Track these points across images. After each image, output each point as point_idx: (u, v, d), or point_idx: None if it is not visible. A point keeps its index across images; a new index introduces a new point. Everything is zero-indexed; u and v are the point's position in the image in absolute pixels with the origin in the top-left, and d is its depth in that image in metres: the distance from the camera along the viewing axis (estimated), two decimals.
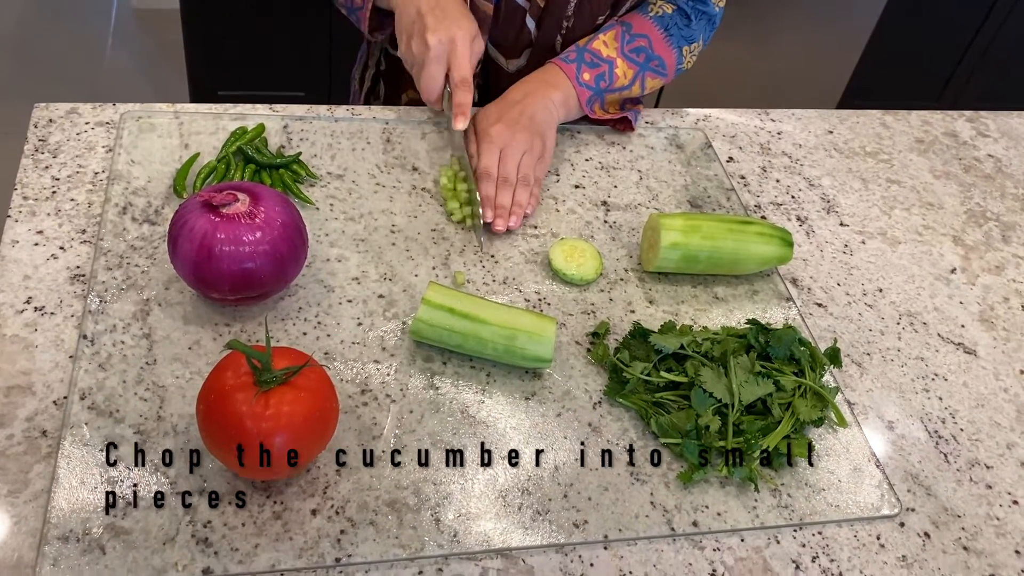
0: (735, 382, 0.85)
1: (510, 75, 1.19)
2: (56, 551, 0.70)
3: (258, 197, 0.84)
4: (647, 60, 1.14)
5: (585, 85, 1.10)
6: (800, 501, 0.83)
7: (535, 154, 1.05)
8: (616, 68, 1.12)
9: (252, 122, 1.07)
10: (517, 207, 1.02)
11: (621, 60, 1.12)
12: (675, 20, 1.15)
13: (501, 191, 1.02)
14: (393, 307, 0.92)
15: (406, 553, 0.74)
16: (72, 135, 1.02)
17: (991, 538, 0.84)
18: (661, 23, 1.14)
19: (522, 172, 1.04)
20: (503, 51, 1.18)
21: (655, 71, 1.15)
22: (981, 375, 0.98)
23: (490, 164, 1.03)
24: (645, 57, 1.13)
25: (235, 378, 0.71)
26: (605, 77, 1.11)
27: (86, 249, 0.91)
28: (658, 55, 1.14)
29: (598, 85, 1.11)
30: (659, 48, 1.14)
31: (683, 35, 1.16)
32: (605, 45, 1.12)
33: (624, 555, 0.77)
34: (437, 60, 0.99)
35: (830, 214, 1.14)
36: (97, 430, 0.77)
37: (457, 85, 1.00)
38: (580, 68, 1.10)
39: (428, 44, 0.98)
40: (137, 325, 0.85)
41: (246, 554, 0.72)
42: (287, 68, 2.41)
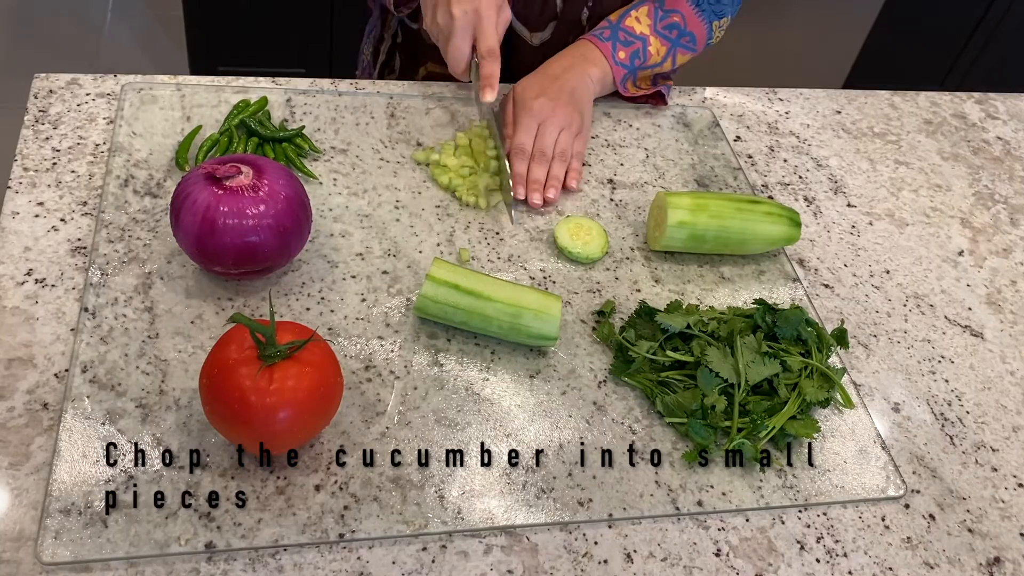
0: (741, 362, 0.85)
1: (533, 48, 1.18)
2: (58, 524, 0.69)
3: (262, 170, 0.83)
4: (679, 36, 1.14)
5: (621, 64, 1.10)
6: (805, 482, 0.82)
7: (573, 130, 1.05)
8: (649, 46, 1.12)
9: (255, 95, 1.06)
10: (554, 179, 1.02)
11: (654, 38, 1.12)
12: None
13: (536, 166, 1.02)
14: (397, 283, 0.91)
15: (410, 529, 0.74)
16: (73, 106, 1.01)
17: (996, 520, 0.84)
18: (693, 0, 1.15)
19: (559, 147, 1.03)
20: (528, 24, 1.17)
21: (686, 47, 1.15)
22: (988, 358, 0.98)
23: (525, 141, 1.03)
24: (677, 33, 1.14)
25: (239, 352, 0.71)
26: (639, 55, 1.11)
27: (87, 221, 0.90)
28: (690, 31, 1.14)
29: (632, 63, 1.11)
30: (692, 24, 1.14)
31: (714, 10, 1.16)
32: (638, 22, 1.12)
33: (628, 534, 0.77)
34: (463, 31, 0.98)
35: (837, 195, 1.13)
36: (99, 403, 0.76)
37: (484, 56, 0.99)
38: (615, 47, 1.10)
39: (453, 15, 0.97)
40: (139, 298, 0.85)
41: (249, 529, 0.71)
42: (288, 44, 2.38)
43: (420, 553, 0.73)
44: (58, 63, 2.64)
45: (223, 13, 2.27)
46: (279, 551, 0.71)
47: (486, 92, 0.99)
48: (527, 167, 1.02)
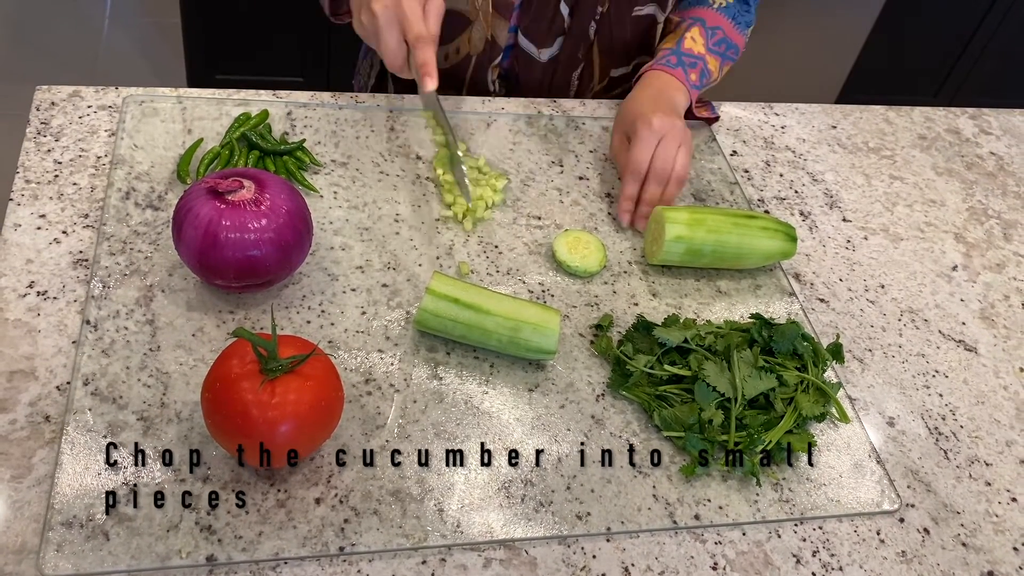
0: (738, 376, 0.86)
1: (543, 64, 1.18)
2: (60, 537, 0.69)
3: (263, 184, 0.84)
4: (727, 49, 1.17)
5: (694, 86, 1.12)
6: (801, 496, 0.83)
7: (689, 150, 1.04)
8: (709, 64, 1.14)
9: (255, 108, 1.07)
10: (665, 201, 1.02)
11: (710, 56, 1.14)
12: (737, 8, 1.18)
13: (653, 185, 1.02)
14: (397, 296, 0.91)
15: (410, 543, 0.74)
16: (74, 118, 1.02)
17: (990, 535, 0.84)
18: (728, 13, 1.17)
19: (678, 166, 1.02)
20: (535, 39, 1.16)
21: (731, 59, 1.18)
22: (981, 372, 0.99)
23: (643, 158, 1.02)
24: (725, 47, 1.16)
25: (240, 366, 0.71)
26: (704, 74, 1.13)
27: (89, 234, 0.91)
28: (734, 43, 1.18)
29: (701, 83, 1.13)
30: (733, 36, 1.17)
31: (745, 20, 1.19)
32: (694, 42, 1.14)
33: (626, 547, 0.77)
34: (388, 26, 0.94)
35: (833, 209, 1.14)
36: (100, 416, 0.77)
37: (414, 44, 0.94)
38: (687, 72, 1.11)
39: (375, 12, 0.94)
40: (140, 311, 0.85)
41: (250, 542, 0.72)
42: (286, 53, 2.39)
43: (420, 567, 0.73)
44: (56, 71, 2.65)
45: (221, 21, 2.28)
46: (279, 564, 0.72)
47: (425, 81, 0.94)
48: (639, 187, 1.02)
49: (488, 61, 1.17)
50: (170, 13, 2.48)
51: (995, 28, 2.65)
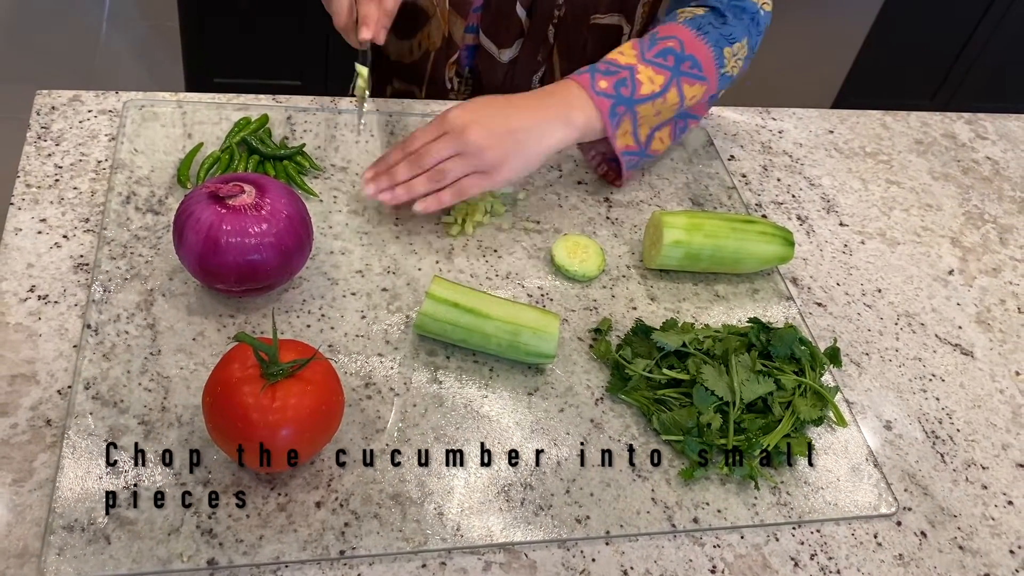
0: (736, 380, 0.86)
1: (503, 65, 1.18)
2: (61, 541, 0.70)
3: (264, 189, 0.84)
4: (678, 62, 1.02)
5: (603, 94, 0.98)
6: (799, 499, 0.84)
7: (473, 164, 0.93)
8: (638, 74, 1.00)
9: (255, 112, 1.07)
10: (406, 188, 0.94)
11: (643, 66, 1.01)
12: (708, 19, 1.05)
13: (405, 168, 0.94)
14: (396, 300, 0.92)
15: (410, 546, 0.74)
16: (75, 123, 1.02)
17: (986, 538, 0.85)
18: (692, 24, 1.05)
19: (444, 165, 0.93)
20: (495, 39, 1.15)
21: (689, 74, 1.02)
22: (978, 376, 0.99)
23: (417, 139, 0.94)
24: (675, 59, 1.02)
25: (242, 370, 0.71)
26: (627, 83, 0.99)
27: (89, 238, 0.91)
28: (690, 54, 1.02)
29: (619, 92, 0.99)
30: (691, 47, 1.03)
31: (721, 33, 1.05)
32: (621, 55, 1.02)
33: (625, 551, 0.78)
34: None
35: (830, 214, 1.15)
36: (102, 420, 0.77)
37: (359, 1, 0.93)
38: (594, 77, 0.99)
39: None
40: (141, 315, 0.85)
41: (251, 545, 0.72)
42: (284, 55, 2.40)
43: (420, 570, 0.74)
44: (53, 73, 2.65)
45: (219, 24, 2.28)
46: (280, 568, 0.72)
47: (361, 30, 0.93)
48: (398, 161, 0.95)
49: (445, 58, 1.17)
50: (168, 16, 2.48)
51: (991, 32, 2.66)
